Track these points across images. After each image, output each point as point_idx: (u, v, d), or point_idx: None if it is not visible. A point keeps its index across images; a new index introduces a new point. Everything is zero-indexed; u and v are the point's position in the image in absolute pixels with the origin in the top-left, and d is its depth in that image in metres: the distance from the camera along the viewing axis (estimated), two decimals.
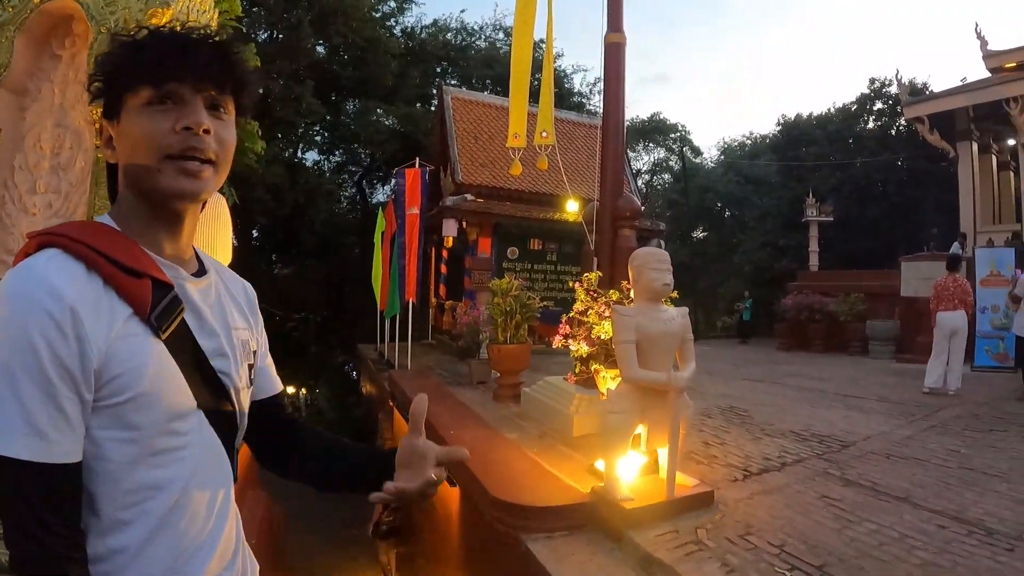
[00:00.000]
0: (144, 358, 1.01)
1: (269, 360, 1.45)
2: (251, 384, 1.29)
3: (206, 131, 1.08)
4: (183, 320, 1.11)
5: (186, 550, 1.07)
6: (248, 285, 1.42)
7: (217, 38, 1.12)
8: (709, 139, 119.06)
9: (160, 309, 1.06)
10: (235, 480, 1.23)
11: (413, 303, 12.01)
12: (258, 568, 1.36)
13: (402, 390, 9.57)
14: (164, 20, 2.69)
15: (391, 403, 10.86)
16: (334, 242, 25.98)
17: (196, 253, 1.26)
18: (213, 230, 5.42)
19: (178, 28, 1.11)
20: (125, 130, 1.09)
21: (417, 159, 12.83)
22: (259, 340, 1.38)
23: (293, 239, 25.11)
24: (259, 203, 20.21)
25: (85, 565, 0.97)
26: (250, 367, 1.28)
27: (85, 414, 0.97)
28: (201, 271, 1.23)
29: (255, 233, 25.88)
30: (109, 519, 1.00)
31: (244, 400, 1.25)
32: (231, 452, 1.20)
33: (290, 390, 29.76)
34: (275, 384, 1.45)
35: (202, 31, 1.12)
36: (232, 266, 1.54)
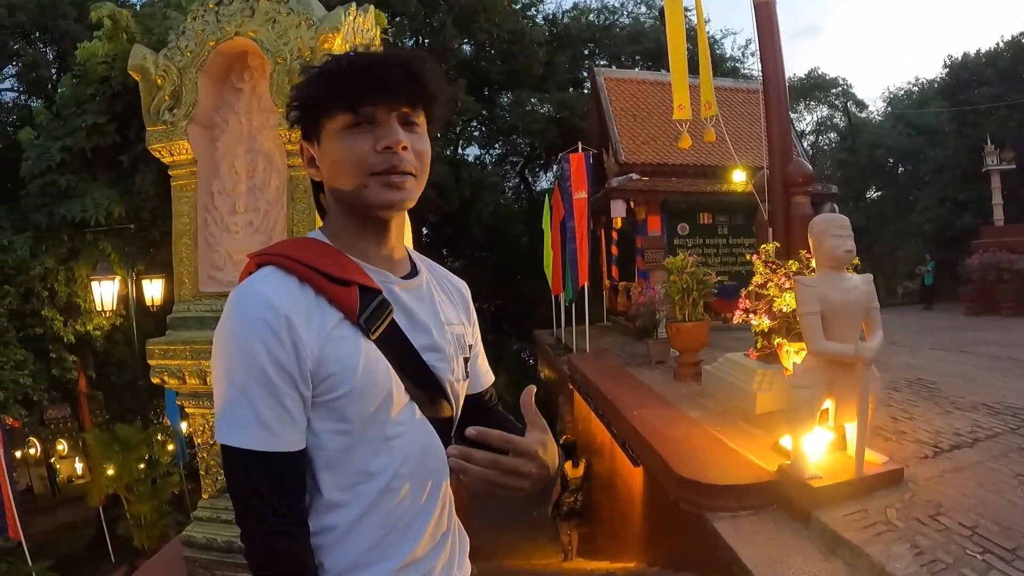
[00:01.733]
0: (355, 357, 1.13)
1: (482, 356, 1.55)
2: (467, 376, 1.39)
3: (404, 148, 1.16)
4: (393, 320, 1.21)
5: (394, 529, 1.18)
6: (463, 284, 1.53)
7: (404, 57, 1.19)
8: (873, 90, 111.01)
9: (368, 312, 1.16)
10: None
11: (587, 286, 12.09)
12: (468, 547, 1.46)
13: (582, 372, 9.71)
14: (335, 44, 2.90)
15: (571, 386, 11.03)
16: (502, 232, 26.45)
17: (409, 255, 1.37)
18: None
19: (362, 51, 1.21)
20: (328, 152, 1.19)
21: (579, 143, 12.90)
22: (474, 334, 1.48)
23: (462, 233, 25.80)
24: (427, 202, 20.93)
25: (305, 540, 1.12)
26: (465, 360, 1.38)
27: (306, 409, 1.12)
28: (413, 272, 1.33)
29: (424, 231, 26.85)
30: (327, 500, 1.15)
31: (460, 391, 1.35)
32: (447, 440, 1.29)
33: None
34: (484, 379, 1.56)
35: (393, 54, 1.20)
36: None
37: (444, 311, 1.35)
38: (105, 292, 11.01)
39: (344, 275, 1.16)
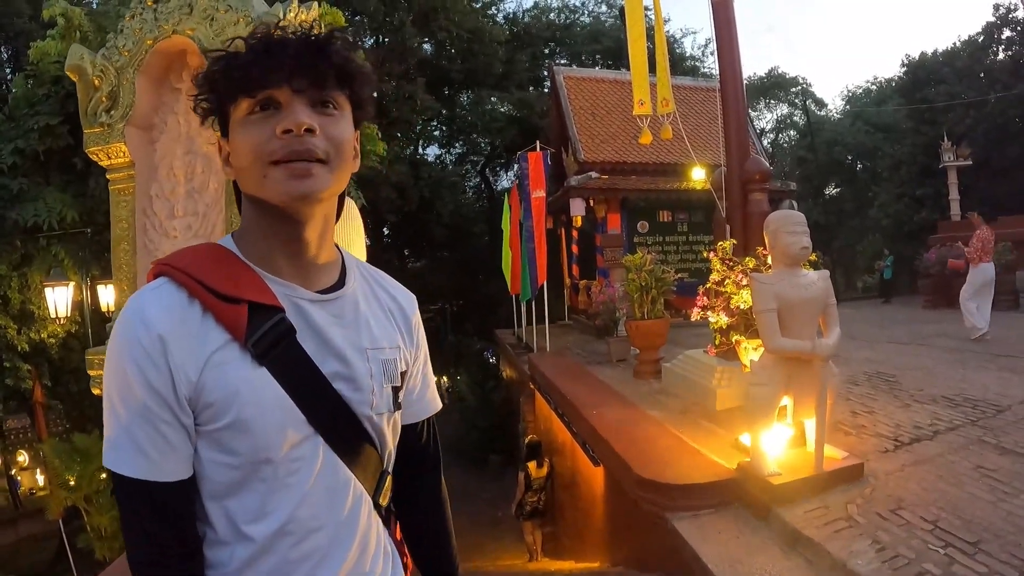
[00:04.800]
0: (238, 385, 1.00)
1: (428, 379, 1.39)
2: (396, 407, 1.21)
3: (309, 130, 1.02)
4: (294, 343, 1.06)
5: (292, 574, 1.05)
6: (408, 299, 1.34)
7: (308, 35, 1.05)
8: (832, 89, 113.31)
9: (261, 334, 1.03)
10: (380, 502, 1.20)
11: (547, 285, 12.05)
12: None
13: (542, 372, 9.65)
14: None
15: (532, 386, 10.98)
16: (463, 232, 26.48)
17: (343, 264, 1.22)
18: (346, 233, 5.67)
19: (264, 32, 1.06)
20: (233, 144, 1.07)
21: (538, 142, 12.85)
22: (414, 356, 1.30)
23: (423, 232, 25.79)
24: (386, 202, 20.85)
25: (189, 573, 1.01)
26: (395, 389, 1.20)
27: (191, 436, 1.01)
28: (339, 284, 1.17)
29: (386, 231, 26.71)
30: (217, 535, 1.03)
31: (386, 425, 1.18)
32: (374, 479, 1.17)
33: None
34: (421, 408, 1.38)
35: (293, 32, 1.05)
36: None
37: (371, 332, 1.19)
38: (59, 298, 10.68)
39: (231, 291, 1.03)
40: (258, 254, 1.10)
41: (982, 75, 23.46)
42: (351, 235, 5.56)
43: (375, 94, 1.22)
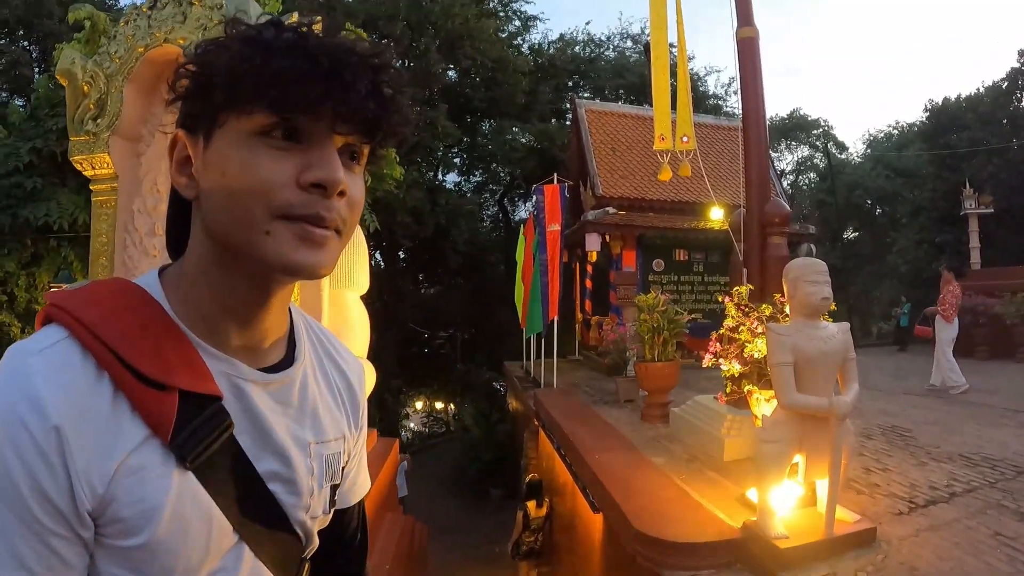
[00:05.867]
0: (160, 498, 0.75)
1: (363, 460, 1.16)
2: (332, 508, 1.00)
3: (342, 193, 0.79)
4: (231, 439, 0.83)
5: None
6: (356, 369, 1.10)
7: (378, 60, 0.79)
8: (853, 132, 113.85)
9: (191, 430, 0.78)
10: None
11: (557, 320, 11.88)
12: None
13: (547, 410, 9.45)
14: None
15: (536, 422, 10.77)
16: (478, 260, 26.48)
17: (293, 331, 0.97)
18: (352, 259, 5.51)
19: (317, 32, 0.78)
20: (218, 161, 0.77)
21: (555, 175, 12.77)
22: (356, 440, 1.08)
23: (438, 259, 25.81)
24: (402, 226, 20.88)
25: None
26: (334, 488, 0.99)
27: (87, 547, 0.75)
28: (288, 360, 0.94)
29: (401, 255, 26.72)
30: None
31: (315, 526, 0.97)
32: (287, 573, 0.93)
33: (438, 405, 30.53)
34: (353, 495, 1.14)
35: (363, 45, 0.79)
36: (378, 288, 1.21)
37: (317, 422, 0.96)
38: None
39: (158, 373, 0.77)
40: (198, 313, 0.84)
41: (1005, 121, 23.27)
42: (356, 263, 5.38)
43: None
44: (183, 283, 0.85)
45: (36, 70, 17.88)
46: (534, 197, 13.20)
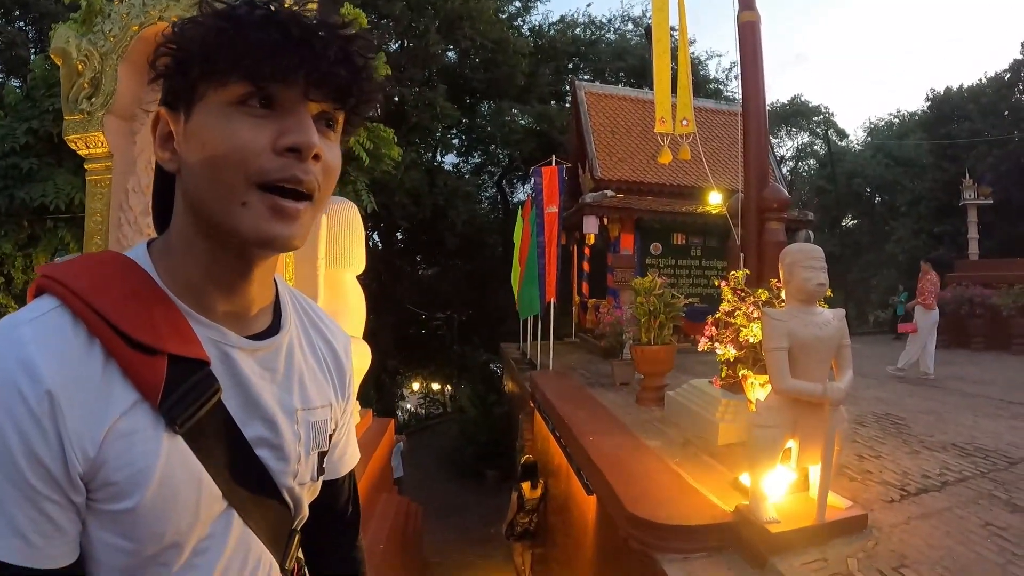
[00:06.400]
0: (150, 460, 0.77)
1: (350, 434, 1.17)
2: (320, 475, 1.02)
3: (316, 156, 0.81)
4: (220, 404, 0.85)
5: None
6: (341, 340, 1.12)
7: (347, 30, 0.82)
8: (854, 120, 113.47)
9: (180, 394, 0.80)
10: (287, 566, 0.99)
11: (554, 302, 11.87)
12: None
13: (543, 392, 9.47)
14: None
15: (532, 404, 10.79)
16: (476, 242, 26.44)
17: (278, 300, 0.99)
18: (348, 239, 5.50)
19: (288, 6, 0.81)
20: (198, 133, 0.79)
21: (554, 157, 12.73)
22: (344, 410, 1.10)
23: (436, 240, 25.78)
24: (399, 207, 20.83)
25: None
26: (321, 455, 1.01)
27: (80, 512, 0.76)
28: (274, 328, 0.96)
29: (399, 236, 26.67)
30: None
31: (304, 494, 0.99)
32: (282, 545, 0.97)
33: (435, 387, 30.58)
34: (342, 464, 1.16)
35: (330, 21, 0.82)
36: (375, 269, 1.21)
37: (304, 389, 0.98)
38: None
39: (148, 338, 0.78)
40: (185, 283, 0.86)
41: (1007, 113, 23.30)
42: (352, 243, 5.36)
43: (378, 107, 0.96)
44: (169, 254, 0.87)
45: (33, 50, 17.75)
46: (532, 179, 13.17)
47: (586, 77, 26.38)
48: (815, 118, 37.55)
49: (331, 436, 1.04)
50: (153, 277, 0.85)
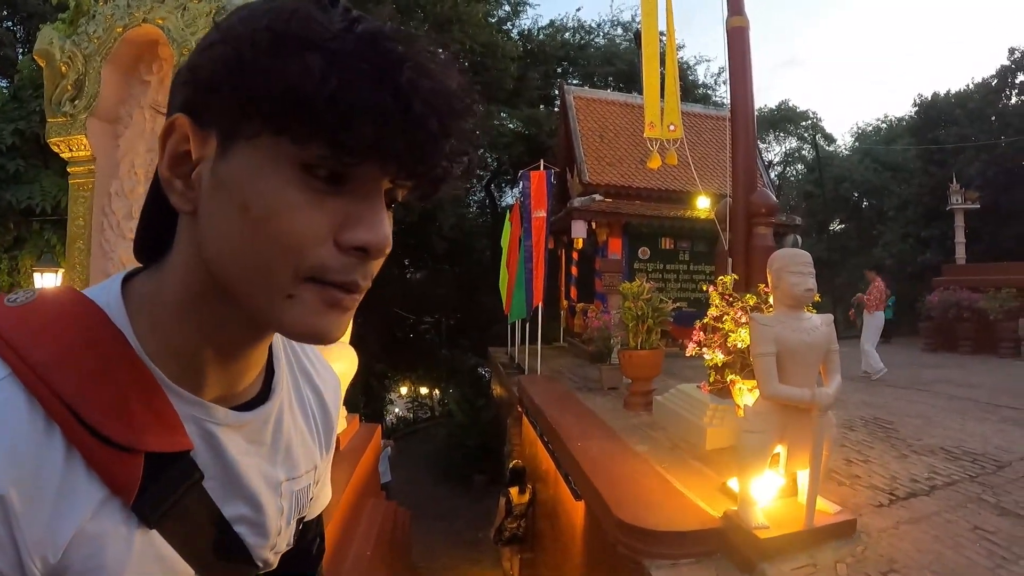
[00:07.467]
0: (121, 561, 0.64)
1: (325, 478, 1.01)
2: (296, 541, 0.91)
3: (385, 253, 0.65)
4: (201, 491, 0.72)
5: None
6: (333, 383, 0.97)
7: (470, 106, 0.64)
8: (842, 125, 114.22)
9: (157, 489, 0.66)
10: None
11: (542, 307, 11.86)
12: None
13: (530, 396, 9.45)
14: None
15: (519, 409, 10.77)
16: (465, 246, 26.40)
17: (271, 359, 0.84)
18: None
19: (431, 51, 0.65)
20: (238, 186, 0.60)
21: (542, 161, 12.71)
22: (327, 461, 0.97)
23: (424, 244, 25.67)
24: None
25: None
26: (300, 522, 0.90)
27: None
28: (264, 394, 0.81)
29: None
30: None
31: (275, 559, 0.86)
32: None
33: (423, 391, 30.51)
34: (314, 508, 1.00)
35: (461, 81, 0.65)
36: None
37: (291, 458, 0.85)
38: (48, 284, 10.56)
39: (123, 435, 0.63)
40: (169, 348, 0.69)
41: (994, 118, 23.42)
42: None
43: None
44: (157, 309, 0.70)
45: (20, 51, 17.59)
46: (520, 183, 13.15)
47: (575, 81, 26.36)
48: (803, 123, 37.80)
49: (311, 498, 0.94)
50: (128, 338, 0.68)
